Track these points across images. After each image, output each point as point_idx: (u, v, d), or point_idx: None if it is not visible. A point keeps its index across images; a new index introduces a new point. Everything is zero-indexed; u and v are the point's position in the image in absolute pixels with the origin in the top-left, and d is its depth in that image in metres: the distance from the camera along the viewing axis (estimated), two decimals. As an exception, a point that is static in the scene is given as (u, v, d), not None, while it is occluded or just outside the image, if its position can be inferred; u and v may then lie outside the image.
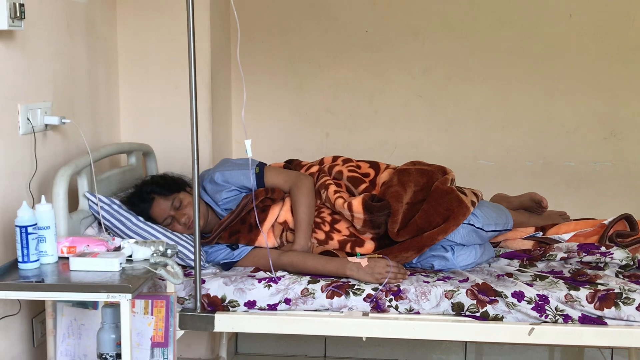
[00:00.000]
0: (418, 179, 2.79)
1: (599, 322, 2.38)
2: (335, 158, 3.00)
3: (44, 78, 2.56)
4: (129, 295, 2.02)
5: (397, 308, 2.46)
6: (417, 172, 2.82)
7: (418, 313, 2.46)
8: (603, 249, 2.70)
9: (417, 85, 3.62)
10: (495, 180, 3.56)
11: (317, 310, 2.49)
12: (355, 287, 2.50)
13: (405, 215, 2.70)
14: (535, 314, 2.39)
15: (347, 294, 2.48)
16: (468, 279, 2.54)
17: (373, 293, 2.47)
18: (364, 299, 2.47)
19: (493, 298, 2.42)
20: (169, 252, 2.29)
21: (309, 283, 2.51)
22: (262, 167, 2.83)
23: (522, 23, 3.54)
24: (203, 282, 2.50)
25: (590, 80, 3.55)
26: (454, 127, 3.64)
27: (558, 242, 2.88)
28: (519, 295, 2.41)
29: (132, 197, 2.73)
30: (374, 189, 2.86)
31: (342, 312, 2.47)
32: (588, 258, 2.70)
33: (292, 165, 3.01)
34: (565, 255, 2.75)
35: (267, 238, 2.71)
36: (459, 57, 3.58)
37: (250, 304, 2.48)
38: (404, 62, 3.61)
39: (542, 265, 2.73)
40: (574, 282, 2.50)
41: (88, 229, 2.60)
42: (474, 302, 2.43)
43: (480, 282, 2.48)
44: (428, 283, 2.51)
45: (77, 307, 2.34)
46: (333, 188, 2.78)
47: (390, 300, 2.46)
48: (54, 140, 2.63)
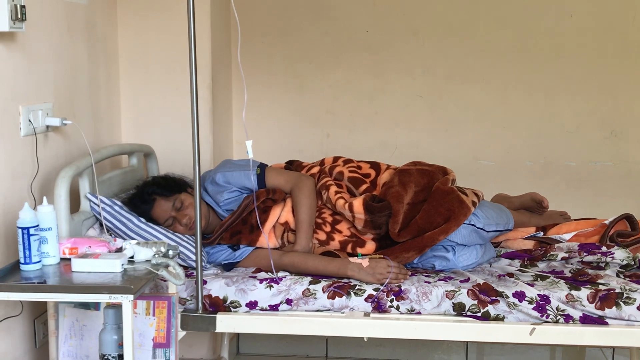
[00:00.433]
0: (419, 180, 2.79)
1: (600, 322, 2.38)
2: (336, 159, 3.01)
3: (45, 79, 2.56)
4: (131, 296, 2.02)
5: (398, 308, 2.46)
6: (417, 172, 2.82)
7: (419, 313, 2.46)
8: (604, 249, 2.70)
9: (417, 86, 3.62)
10: (496, 180, 3.56)
11: (318, 311, 2.49)
12: (357, 287, 2.50)
13: (406, 216, 2.70)
14: (537, 314, 2.39)
15: (348, 295, 2.48)
16: (469, 279, 2.54)
17: (374, 293, 2.47)
18: (365, 300, 2.47)
19: (494, 298, 2.42)
20: (171, 253, 2.30)
21: (310, 283, 2.51)
22: (263, 168, 2.83)
23: (522, 23, 3.54)
24: (204, 282, 2.51)
25: (591, 80, 3.55)
26: (455, 127, 3.64)
27: (559, 242, 2.88)
28: (520, 295, 2.41)
29: (133, 198, 2.74)
30: (375, 190, 2.86)
31: (343, 312, 2.47)
32: (589, 258, 2.70)
33: (292, 166, 3.01)
34: (566, 255, 2.75)
35: (268, 239, 2.71)
36: (459, 57, 3.58)
37: (252, 305, 2.49)
38: (404, 62, 3.61)
39: (543, 265, 2.73)
40: (575, 282, 2.50)
41: (90, 230, 2.61)
42: (475, 302, 2.43)
43: (482, 282, 2.48)
44: (429, 283, 2.51)
45: (79, 308, 2.35)
46: (334, 189, 2.79)
47: (392, 301, 2.46)
48: (55, 142, 2.63)
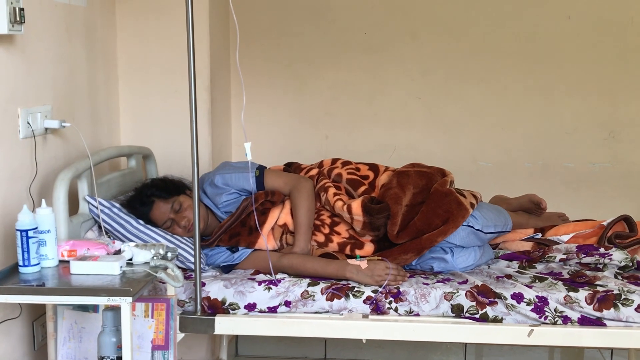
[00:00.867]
0: (417, 181, 2.79)
1: (598, 323, 2.38)
2: (335, 161, 3.01)
3: (44, 82, 2.57)
4: (130, 299, 2.02)
5: (396, 310, 2.47)
6: (416, 174, 2.82)
7: (418, 315, 2.46)
8: (602, 250, 2.70)
9: (416, 87, 3.62)
10: (495, 182, 3.56)
11: (317, 313, 2.49)
12: (355, 289, 2.50)
13: (405, 218, 2.70)
14: (535, 316, 2.40)
15: (347, 296, 2.48)
16: (467, 281, 2.54)
17: (373, 295, 2.48)
18: (364, 301, 2.48)
19: (492, 300, 2.43)
20: (169, 255, 2.30)
21: (309, 285, 2.51)
22: (262, 170, 2.84)
23: (520, 25, 3.55)
24: (203, 285, 2.51)
25: (589, 82, 3.55)
26: (453, 128, 3.64)
27: (557, 243, 2.88)
28: (519, 297, 2.41)
29: (132, 200, 2.74)
30: (373, 192, 2.86)
31: (342, 314, 2.48)
32: (587, 259, 2.70)
33: (291, 168, 3.01)
34: (565, 257, 2.75)
35: (267, 241, 2.72)
36: (458, 58, 3.59)
37: (251, 307, 2.49)
38: (403, 64, 3.61)
39: (541, 267, 2.74)
40: (573, 283, 2.50)
41: (88, 233, 2.61)
42: (474, 303, 2.43)
43: (480, 283, 2.48)
44: (427, 285, 2.51)
45: (77, 310, 2.35)
46: (332, 191, 2.79)
47: (390, 302, 2.47)
48: (54, 144, 2.63)
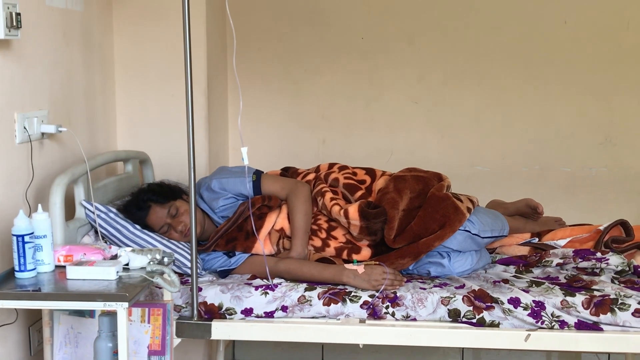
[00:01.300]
0: (414, 186, 2.79)
1: (595, 327, 2.38)
2: (332, 165, 3.01)
3: (41, 86, 2.56)
4: (126, 304, 2.02)
5: (393, 315, 2.46)
6: (413, 178, 2.82)
7: (415, 320, 2.46)
8: (599, 255, 2.70)
9: (412, 92, 3.63)
10: (491, 186, 3.56)
11: (314, 318, 2.49)
12: (352, 294, 2.50)
13: (402, 222, 2.70)
14: (532, 320, 2.40)
15: (344, 301, 2.48)
16: (464, 286, 2.54)
17: (370, 300, 2.47)
18: (361, 306, 2.47)
19: (489, 304, 2.42)
20: (166, 260, 2.29)
21: (306, 290, 2.51)
22: (258, 174, 2.83)
23: (517, 29, 3.55)
24: (200, 290, 2.50)
25: (586, 86, 3.56)
26: (450, 133, 3.64)
27: (554, 248, 2.88)
28: (515, 302, 2.41)
29: (128, 205, 2.73)
30: (370, 196, 2.86)
31: (339, 319, 2.47)
32: (584, 264, 2.70)
33: (288, 173, 3.01)
34: (561, 261, 2.75)
35: (263, 245, 2.71)
36: (455, 63, 3.59)
37: (247, 312, 2.49)
38: (400, 68, 3.62)
39: (538, 272, 2.74)
40: (570, 288, 2.50)
41: (85, 238, 2.60)
42: (471, 308, 2.43)
43: (477, 288, 2.48)
44: (424, 290, 2.51)
45: (74, 315, 2.34)
46: (329, 195, 2.79)
47: (387, 307, 2.46)
48: (51, 149, 2.63)
